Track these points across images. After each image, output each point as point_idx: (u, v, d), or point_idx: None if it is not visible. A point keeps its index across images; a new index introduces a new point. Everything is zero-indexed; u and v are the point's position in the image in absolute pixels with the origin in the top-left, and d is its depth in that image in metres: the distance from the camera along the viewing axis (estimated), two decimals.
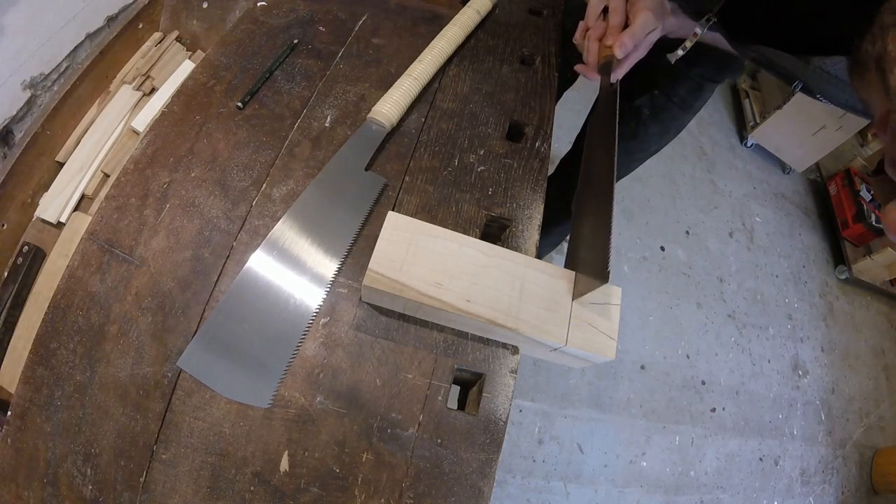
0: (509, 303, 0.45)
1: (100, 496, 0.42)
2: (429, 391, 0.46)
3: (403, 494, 0.43)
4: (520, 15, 0.77)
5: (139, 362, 0.45)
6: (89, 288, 0.47)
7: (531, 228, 0.56)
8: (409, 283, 0.44)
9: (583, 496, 1.38)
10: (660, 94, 0.80)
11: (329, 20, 0.69)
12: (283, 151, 0.56)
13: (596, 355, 0.48)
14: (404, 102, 0.59)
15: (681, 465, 1.51)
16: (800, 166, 2.31)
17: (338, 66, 0.65)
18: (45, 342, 0.45)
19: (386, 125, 0.57)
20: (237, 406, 0.44)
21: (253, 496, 0.42)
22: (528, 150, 0.62)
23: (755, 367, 1.75)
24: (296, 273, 0.48)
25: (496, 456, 0.45)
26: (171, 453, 0.43)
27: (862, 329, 2.02)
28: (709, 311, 1.79)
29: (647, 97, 0.81)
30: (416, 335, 0.49)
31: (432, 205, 0.56)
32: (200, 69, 0.61)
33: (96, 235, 0.49)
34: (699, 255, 1.90)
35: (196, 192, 0.52)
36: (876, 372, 1.94)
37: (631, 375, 1.58)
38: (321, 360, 0.46)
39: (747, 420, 1.64)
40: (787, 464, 1.62)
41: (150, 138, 0.55)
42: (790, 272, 2.02)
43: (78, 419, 0.43)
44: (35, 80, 0.59)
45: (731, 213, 2.07)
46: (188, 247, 0.49)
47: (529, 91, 0.68)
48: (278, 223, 0.50)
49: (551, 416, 1.45)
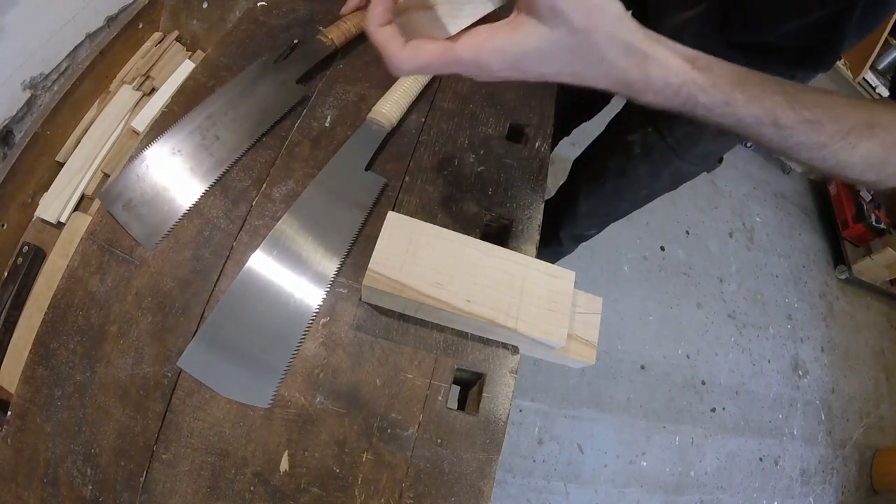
0: (509, 303, 0.45)
1: (100, 496, 0.42)
2: (429, 391, 0.46)
3: (403, 494, 0.43)
4: None
5: (139, 362, 0.45)
6: (89, 288, 0.47)
7: (531, 228, 0.56)
8: (409, 282, 0.44)
9: (583, 496, 1.38)
10: (653, 131, 0.74)
11: (329, 20, 0.69)
12: (283, 151, 0.56)
13: (578, 360, 0.49)
14: (404, 102, 0.59)
15: (681, 465, 1.51)
16: (800, 166, 2.31)
17: (338, 66, 0.65)
18: (45, 342, 0.45)
19: (385, 125, 0.57)
20: (237, 406, 0.44)
21: (253, 496, 0.42)
22: (528, 150, 0.62)
23: (755, 367, 1.75)
24: (296, 273, 0.48)
25: (496, 456, 0.45)
26: (171, 453, 0.43)
27: (862, 329, 2.02)
28: (709, 311, 1.79)
29: (639, 133, 0.76)
30: (416, 335, 0.49)
31: (432, 205, 0.56)
32: (200, 69, 0.61)
33: (96, 235, 0.49)
34: (699, 255, 1.90)
35: None
36: (876, 372, 1.94)
37: (631, 375, 1.58)
38: (321, 360, 0.46)
39: (747, 420, 1.64)
40: (787, 464, 1.62)
41: (150, 138, 0.55)
42: (790, 272, 2.02)
43: (78, 419, 0.43)
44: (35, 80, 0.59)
45: (731, 213, 2.07)
46: (188, 247, 0.49)
47: (529, 91, 0.68)
48: (278, 223, 0.50)
49: (551, 416, 1.45)
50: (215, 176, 0.52)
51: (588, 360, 0.49)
